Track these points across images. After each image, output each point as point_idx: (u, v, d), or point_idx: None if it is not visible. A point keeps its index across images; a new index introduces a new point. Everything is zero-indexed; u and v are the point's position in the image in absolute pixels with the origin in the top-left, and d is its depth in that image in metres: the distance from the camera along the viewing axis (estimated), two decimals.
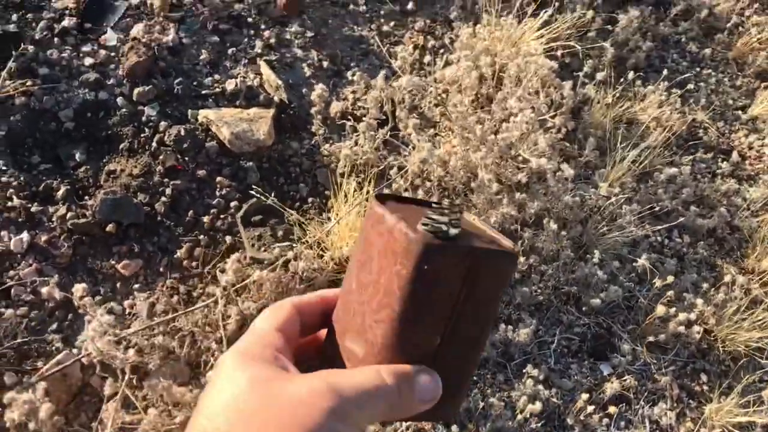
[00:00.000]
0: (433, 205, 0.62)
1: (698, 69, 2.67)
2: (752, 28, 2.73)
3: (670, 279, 1.93)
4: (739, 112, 2.59)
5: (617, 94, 2.38)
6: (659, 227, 2.15)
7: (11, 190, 1.84)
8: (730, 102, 2.61)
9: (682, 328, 1.95)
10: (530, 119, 2.01)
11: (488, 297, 0.61)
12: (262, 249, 1.88)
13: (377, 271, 0.61)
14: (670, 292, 1.98)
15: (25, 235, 1.78)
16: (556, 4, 2.42)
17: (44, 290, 1.74)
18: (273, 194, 1.96)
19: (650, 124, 2.35)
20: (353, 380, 0.57)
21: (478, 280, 0.58)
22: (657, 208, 2.17)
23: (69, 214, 1.83)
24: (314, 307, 0.68)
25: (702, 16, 2.74)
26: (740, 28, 2.78)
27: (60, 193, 1.86)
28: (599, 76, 2.27)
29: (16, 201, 1.83)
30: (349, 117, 2.18)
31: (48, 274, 1.77)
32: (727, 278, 2.07)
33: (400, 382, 0.58)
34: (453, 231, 0.59)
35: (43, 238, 1.80)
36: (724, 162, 2.41)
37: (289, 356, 0.63)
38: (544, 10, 2.37)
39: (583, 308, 2.01)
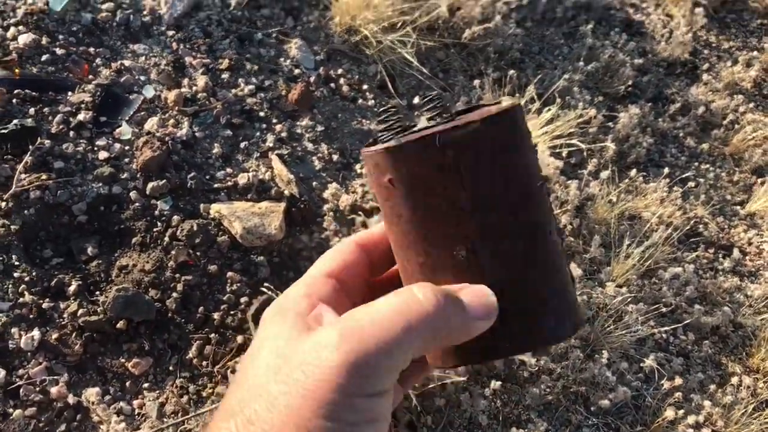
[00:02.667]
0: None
1: (697, 163, 2.74)
2: (747, 125, 2.81)
3: (678, 381, 1.94)
4: (738, 207, 2.64)
5: (621, 191, 2.43)
6: (665, 328, 2.16)
7: (23, 286, 1.84)
8: (729, 197, 2.66)
9: (690, 431, 1.95)
10: None
11: (494, 171, 0.48)
12: None
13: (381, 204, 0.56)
14: (678, 394, 1.99)
15: (36, 333, 1.78)
16: (559, 101, 2.48)
17: (53, 390, 1.72)
18: (283, 290, 1.97)
19: (653, 220, 2.39)
20: (372, 309, 0.46)
21: (462, 163, 0.47)
22: (662, 308, 2.19)
23: (80, 311, 1.83)
24: (382, 243, 0.59)
25: (699, 113, 2.82)
26: (736, 125, 2.86)
27: (72, 288, 1.86)
28: (604, 174, 2.32)
29: (27, 297, 1.82)
30: (359, 211, 2.21)
31: (58, 372, 1.76)
32: (734, 380, 2.07)
33: (440, 296, 0.46)
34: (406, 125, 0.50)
35: (54, 335, 1.79)
36: (726, 258, 2.45)
37: (342, 302, 0.54)
38: (547, 108, 2.44)
39: (592, 408, 2.00)
